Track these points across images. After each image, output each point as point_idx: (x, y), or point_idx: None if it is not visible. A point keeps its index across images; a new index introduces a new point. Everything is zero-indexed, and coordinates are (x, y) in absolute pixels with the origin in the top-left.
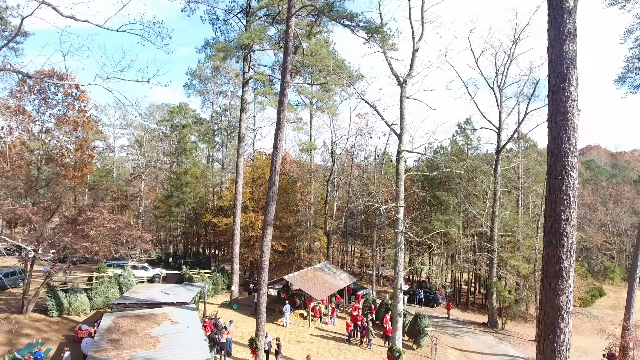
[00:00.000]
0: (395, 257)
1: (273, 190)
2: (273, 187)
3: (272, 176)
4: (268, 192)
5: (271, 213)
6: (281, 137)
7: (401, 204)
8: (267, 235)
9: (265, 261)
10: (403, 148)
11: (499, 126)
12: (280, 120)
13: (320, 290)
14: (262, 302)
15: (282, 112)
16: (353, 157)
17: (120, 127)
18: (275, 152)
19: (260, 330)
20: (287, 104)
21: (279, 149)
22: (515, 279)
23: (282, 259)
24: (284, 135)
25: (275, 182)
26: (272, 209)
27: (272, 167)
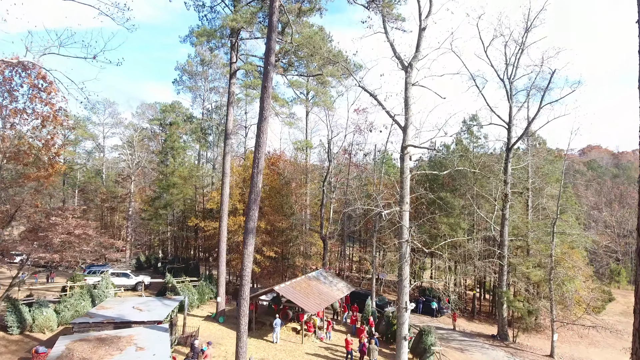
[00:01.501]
0: (400, 271)
1: (255, 192)
2: (255, 189)
3: (254, 175)
4: (250, 195)
5: (253, 219)
6: (265, 129)
7: (406, 209)
8: (248, 246)
9: (246, 276)
10: (408, 143)
11: (510, 122)
12: (264, 110)
13: (314, 303)
14: (242, 324)
15: (265, 100)
16: (351, 156)
17: (110, 126)
18: (257, 147)
19: (241, 357)
20: (273, 91)
21: (263, 143)
22: (525, 286)
23: (274, 266)
24: (267, 127)
25: (257, 182)
26: (255, 214)
27: (255, 164)
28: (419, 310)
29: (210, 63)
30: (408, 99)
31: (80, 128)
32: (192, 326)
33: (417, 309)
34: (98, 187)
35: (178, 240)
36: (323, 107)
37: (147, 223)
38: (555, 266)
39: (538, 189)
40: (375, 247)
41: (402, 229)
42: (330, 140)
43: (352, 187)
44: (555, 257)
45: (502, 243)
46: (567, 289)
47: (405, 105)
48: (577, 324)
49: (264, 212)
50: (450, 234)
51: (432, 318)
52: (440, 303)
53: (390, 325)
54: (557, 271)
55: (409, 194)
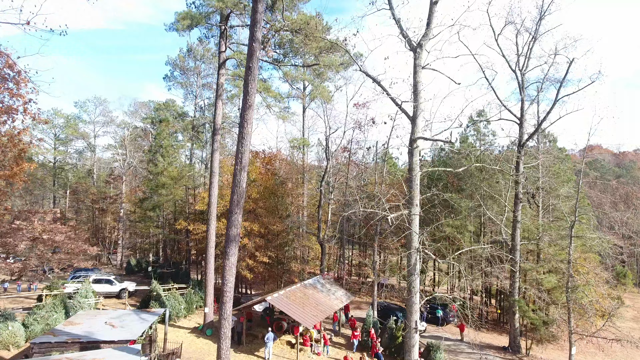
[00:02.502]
0: (408, 285)
1: (239, 193)
2: (238, 188)
3: (237, 172)
4: (232, 195)
5: (236, 225)
6: (249, 118)
7: (416, 212)
8: (230, 256)
9: (228, 291)
10: (418, 135)
11: (521, 116)
12: (249, 95)
13: (311, 314)
14: (223, 348)
15: (250, 84)
16: (351, 154)
17: (102, 125)
18: (241, 140)
19: None
20: (264, 83)
21: (247, 135)
22: (538, 294)
23: (269, 272)
24: (252, 115)
25: (241, 180)
26: (238, 219)
27: (237, 159)
28: (423, 318)
29: (203, 57)
30: (417, 84)
31: (70, 127)
32: (176, 341)
33: (421, 317)
34: (89, 188)
35: (168, 243)
36: (320, 99)
37: (136, 225)
38: (573, 273)
39: (549, 189)
40: (376, 251)
41: (411, 235)
42: (328, 137)
43: (351, 188)
44: (573, 262)
45: (513, 247)
46: (584, 297)
47: (414, 92)
48: (598, 336)
49: (257, 214)
50: (456, 237)
51: (437, 327)
52: (445, 310)
53: (393, 337)
54: (575, 278)
55: (419, 194)
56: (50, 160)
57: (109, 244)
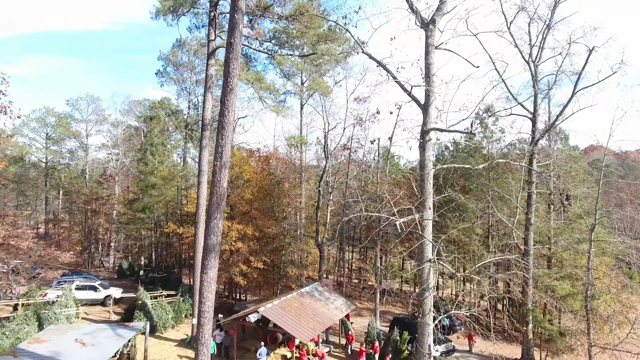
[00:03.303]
0: (421, 304)
1: (218, 194)
2: (218, 189)
3: (216, 170)
4: (210, 197)
5: (216, 232)
6: (230, 104)
7: (429, 216)
8: (209, 269)
9: (206, 311)
10: (431, 126)
11: (535, 111)
12: (230, 77)
13: (308, 327)
14: None
15: (232, 63)
16: (351, 152)
17: (94, 123)
18: (221, 130)
19: None
20: (256, 73)
21: (228, 125)
22: (553, 302)
23: (264, 278)
24: (234, 101)
25: (221, 179)
26: (218, 225)
27: (217, 155)
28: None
29: (197, 52)
30: (430, 67)
31: (61, 125)
32: (159, 357)
33: None
34: (81, 189)
35: (160, 247)
36: (319, 95)
37: (126, 227)
38: (593, 280)
39: (561, 189)
40: (378, 256)
41: (423, 244)
42: (327, 134)
43: (352, 188)
44: (594, 268)
45: (526, 252)
46: (606, 307)
47: (426, 75)
48: (621, 350)
49: (252, 216)
50: (464, 240)
51: (444, 336)
52: (452, 318)
53: (398, 351)
54: (597, 286)
55: (432, 196)
56: (41, 160)
57: (102, 247)
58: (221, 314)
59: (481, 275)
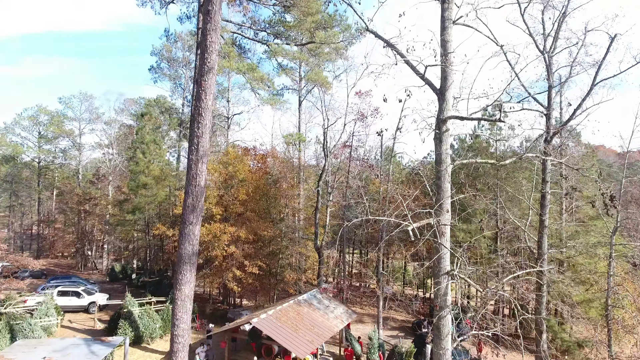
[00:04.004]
0: (437, 324)
1: (194, 194)
2: (194, 188)
3: (191, 165)
4: (185, 199)
5: (191, 240)
6: (209, 87)
7: (447, 220)
8: (183, 285)
9: (181, 335)
10: (449, 114)
11: (549, 106)
12: (207, 53)
13: (305, 340)
14: None
15: (209, 35)
16: (352, 149)
17: (87, 122)
18: (197, 118)
19: None
20: (249, 62)
21: (206, 111)
22: (569, 309)
23: (260, 283)
24: (213, 83)
25: (198, 175)
26: (195, 230)
27: (192, 147)
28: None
29: (192, 48)
30: (447, 45)
31: (54, 124)
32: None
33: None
34: (74, 189)
35: (152, 249)
36: (318, 90)
37: (116, 229)
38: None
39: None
40: (381, 261)
41: (440, 254)
42: (326, 131)
43: (353, 188)
44: (614, 274)
45: (540, 256)
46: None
47: (442, 54)
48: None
49: (246, 218)
50: (471, 243)
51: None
52: (459, 326)
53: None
54: (620, 294)
55: (450, 196)
56: (34, 159)
57: (95, 248)
58: (213, 323)
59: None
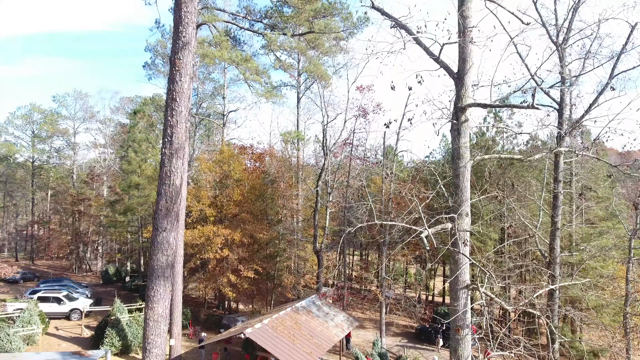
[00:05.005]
0: (456, 348)
1: (169, 196)
2: (168, 189)
3: (164, 161)
4: (157, 201)
5: (165, 250)
6: (184, 65)
7: (466, 225)
8: (156, 303)
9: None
10: (468, 101)
11: (561, 101)
12: (182, 25)
13: (303, 352)
14: None
15: (184, 5)
16: (353, 147)
17: (82, 121)
18: (171, 103)
19: None
20: (244, 53)
21: (182, 96)
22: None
23: (257, 287)
24: (189, 61)
25: (172, 174)
26: (168, 240)
27: (166, 139)
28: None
29: None
30: (467, 21)
31: (48, 123)
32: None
33: (433, 339)
34: (68, 189)
35: (145, 252)
36: (317, 85)
37: (107, 231)
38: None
39: (588, 189)
40: (384, 266)
41: (458, 264)
42: (325, 128)
43: (353, 188)
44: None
45: (552, 260)
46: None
47: (461, 31)
48: None
49: (241, 220)
50: (477, 246)
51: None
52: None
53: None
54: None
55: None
56: (28, 159)
57: (90, 250)
58: (207, 329)
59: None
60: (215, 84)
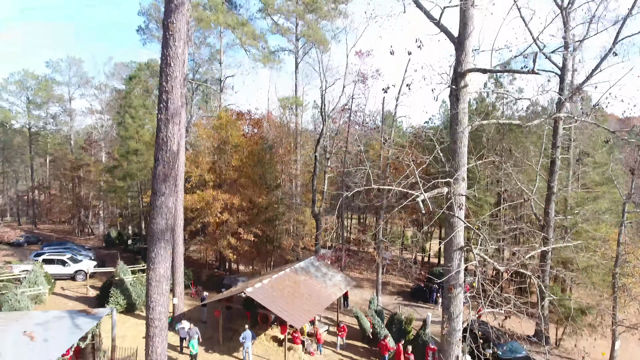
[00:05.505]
0: (448, 305)
1: (166, 161)
2: (165, 154)
3: (161, 127)
4: (155, 166)
5: (164, 214)
6: (177, 29)
7: (462, 189)
8: (157, 264)
9: (156, 319)
10: (468, 66)
11: (563, 67)
12: None
13: (302, 309)
14: None
15: None
16: (351, 112)
17: (77, 87)
18: (165, 68)
19: None
20: (240, 17)
21: (176, 59)
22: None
23: (256, 250)
24: (184, 18)
25: (169, 139)
26: (167, 204)
27: (162, 105)
28: (432, 300)
29: None
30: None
31: (43, 89)
32: (130, 344)
33: (428, 298)
34: (66, 155)
35: (146, 216)
36: (315, 51)
37: (107, 196)
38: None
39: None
40: (381, 229)
41: (453, 227)
42: (324, 93)
43: (352, 154)
44: (624, 242)
45: (547, 224)
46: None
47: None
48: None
49: (240, 184)
50: (473, 210)
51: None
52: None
53: (403, 332)
54: (630, 263)
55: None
56: (24, 125)
57: (92, 215)
58: (208, 289)
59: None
60: (211, 49)
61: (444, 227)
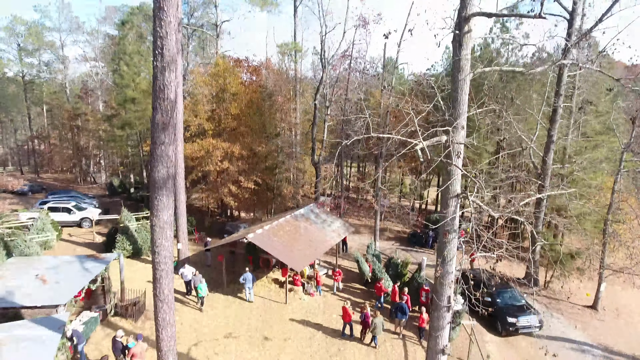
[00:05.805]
0: (441, 249)
1: (164, 110)
2: (163, 103)
3: (156, 74)
4: (153, 115)
5: (165, 162)
6: None
7: (461, 137)
8: (160, 211)
9: (162, 263)
10: (473, 10)
11: (572, 11)
12: None
13: (302, 254)
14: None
15: None
16: (352, 59)
17: (68, 32)
18: (158, 12)
19: None
20: None
21: (169, 2)
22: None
23: (257, 197)
24: None
25: (166, 88)
26: (167, 152)
27: (157, 52)
28: (429, 245)
29: None
30: None
31: (33, 35)
32: (138, 286)
33: (425, 241)
34: (62, 104)
35: (147, 164)
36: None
37: (108, 145)
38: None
39: (589, 103)
40: (380, 177)
41: (450, 175)
42: (323, 38)
43: (352, 102)
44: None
45: (544, 172)
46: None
47: None
48: (635, 273)
49: (239, 133)
50: (472, 158)
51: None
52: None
53: (399, 275)
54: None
55: (467, 109)
56: (17, 73)
57: (93, 163)
58: (211, 235)
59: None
60: None
61: (441, 175)
